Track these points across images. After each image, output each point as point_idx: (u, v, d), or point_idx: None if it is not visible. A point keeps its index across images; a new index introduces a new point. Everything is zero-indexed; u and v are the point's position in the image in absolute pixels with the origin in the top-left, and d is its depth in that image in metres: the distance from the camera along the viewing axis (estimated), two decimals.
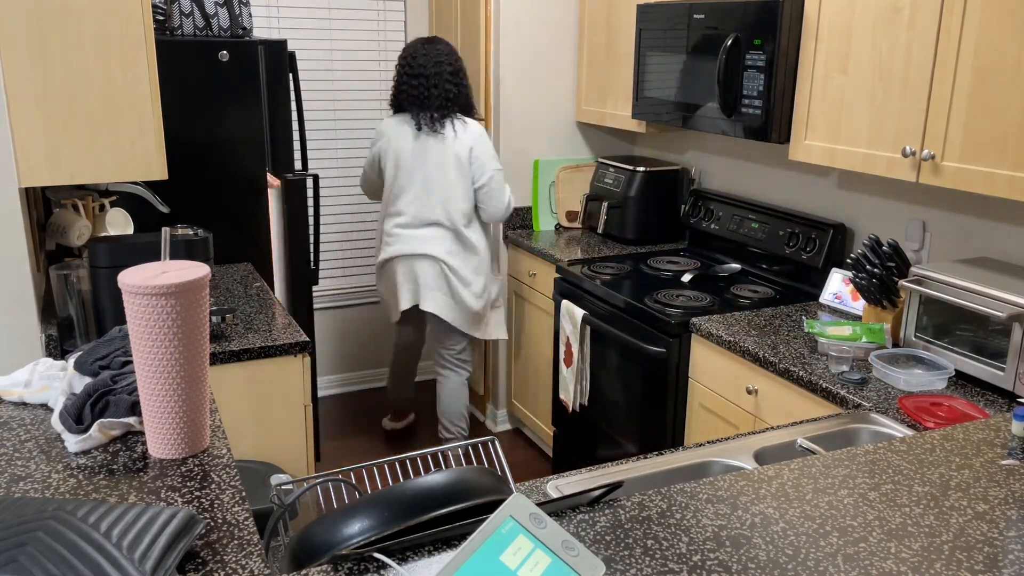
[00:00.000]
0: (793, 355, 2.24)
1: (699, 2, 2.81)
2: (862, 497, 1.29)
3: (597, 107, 3.59)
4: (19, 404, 1.54)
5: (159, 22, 2.87)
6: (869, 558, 1.13)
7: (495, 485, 1.16)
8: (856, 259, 2.32)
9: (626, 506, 1.25)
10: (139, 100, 2.22)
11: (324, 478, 1.38)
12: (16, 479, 1.28)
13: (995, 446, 1.48)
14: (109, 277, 2.18)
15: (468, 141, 3.24)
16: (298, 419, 2.38)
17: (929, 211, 2.53)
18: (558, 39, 3.68)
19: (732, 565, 1.11)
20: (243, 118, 2.93)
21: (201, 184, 2.94)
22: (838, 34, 2.37)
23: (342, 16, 3.98)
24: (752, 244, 3.05)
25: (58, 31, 2.10)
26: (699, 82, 2.84)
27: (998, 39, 1.94)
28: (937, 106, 2.10)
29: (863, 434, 1.86)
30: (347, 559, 1.09)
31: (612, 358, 2.95)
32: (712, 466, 1.64)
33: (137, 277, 1.27)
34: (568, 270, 3.19)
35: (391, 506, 1.08)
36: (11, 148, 2.12)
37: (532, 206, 3.81)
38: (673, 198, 3.53)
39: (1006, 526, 1.22)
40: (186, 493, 1.25)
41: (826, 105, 2.44)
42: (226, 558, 1.10)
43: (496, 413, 4.02)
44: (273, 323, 2.44)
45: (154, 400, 1.31)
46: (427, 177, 3.25)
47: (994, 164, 1.98)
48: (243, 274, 2.91)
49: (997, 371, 1.98)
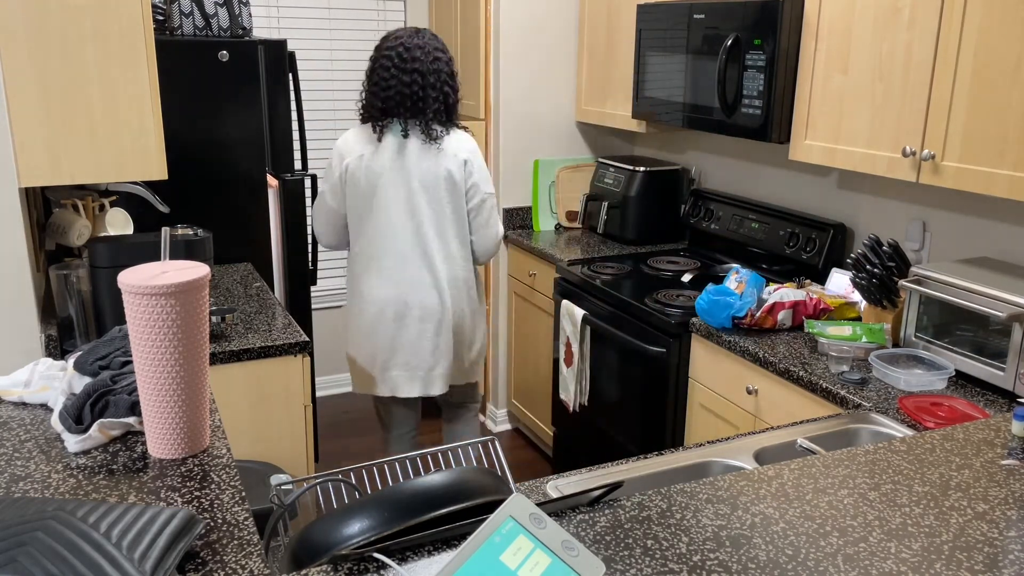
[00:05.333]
0: (793, 355, 2.24)
1: (699, 2, 2.81)
2: (862, 497, 1.29)
3: (597, 107, 3.59)
4: (19, 404, 1.54)
5: (159, 22, 2.87)
6: (869, 558, 1.13)
7: (495, 485, 1.16)
8: (856, 259, 2.32)
9: (626, 506, 1.25)
10: (139, 100, 2.22)
11: (324, 478, 1.38)
12: (16, 479, 1.28)
13: (995, 446, 1.48)
14: (109, 277, 2.18)
15: (463, 153, 2.62)
16: (298, 419, 2.38)
17: (929, 211, 2.53)
18: (558, 39, 3.68)
19: (732, 565, 1.11)
20: (243, 118, 2.93)
21: (201, 184, 2.94)
22: (838, 34, 2.37)
23: (342, 16, 3.98)
24: (752, 244, 3.05)
25: (58, 31, 2.10)
26: (699, 82, 2.84)
27: (998, 39, 1.94)
28: (937, 106, 2.10)
29: (863, 434, 1.86)
30: (347, 559, 1.09)
31: (612, 358, 2.95)
32: (712, 466, 1.64)
33: (137, 277, 1.27)
34: (568, 270, 3.19)
35: (391, 506, 1.08)
36: (11, 148, 2.12)
37: (532, 206, 3.81)
38: (673, 198, 3.53)
39: (1006, 526, 1.22)
40: (186, 493, 1.25)
41: (826, 105, 2.44)
42: (226, 558, 1.10)
43: (496, 413, 4.02)
44: (273, 323, 2.44)
45: (154, 400, 1.31)
46: (407, 204, 2.60)
47: (994, 164, 1.98)
48: (243, 274, 2.91)
49: (997, 371, 1.98)
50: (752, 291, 2.42)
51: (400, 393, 2.72)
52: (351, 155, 2.60)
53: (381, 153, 2.59)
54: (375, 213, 2.62)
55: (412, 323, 2.66)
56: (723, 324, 2.42)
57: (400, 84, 2.55)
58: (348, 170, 2.61)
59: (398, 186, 2.59)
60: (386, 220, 2.61)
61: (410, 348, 2.68)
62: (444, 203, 2.63)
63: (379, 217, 2.62)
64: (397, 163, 2.58)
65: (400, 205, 2.60)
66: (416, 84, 2.56)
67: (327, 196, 2.68)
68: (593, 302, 3.02)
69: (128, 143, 2.24)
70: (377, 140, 2.60)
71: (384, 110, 2.59)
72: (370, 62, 2.64)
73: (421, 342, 2.68)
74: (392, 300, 2.65)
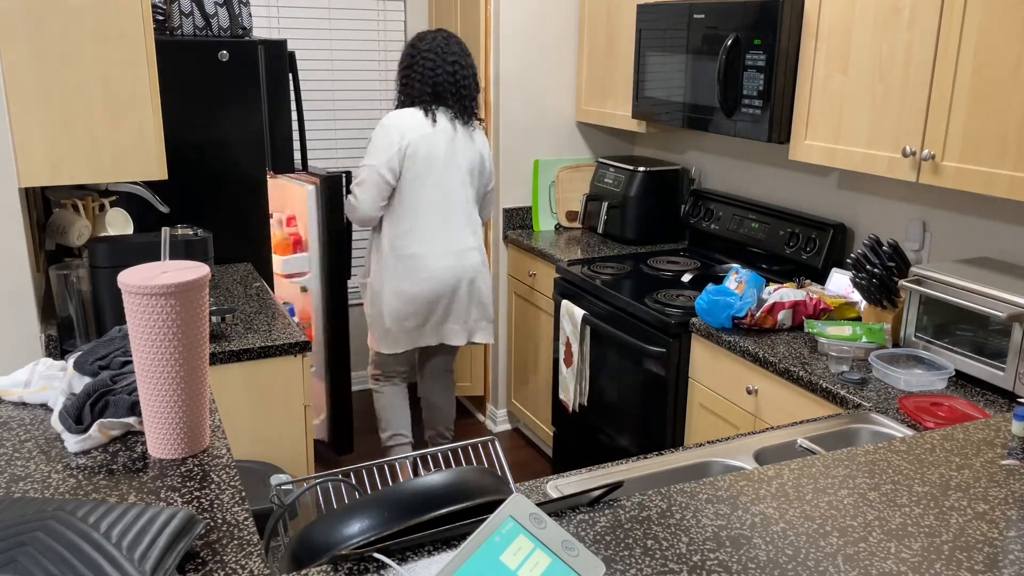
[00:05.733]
0: (793, 355, 2.24)
1: (699, 2, 2.81)
2: (862, 497, 1.29)
3: (597, 107, 3.59)
4: (19, 404, 1.54)
5: (159, 22, 2.87)
6: (869, 558, 1.13)
7: (495, 485, 1.16)
8: (856, 259, 2.32)
9: (626, 506, 1.25)
10: (139, 100, 2.22)
11: (324, 478, 1.38)
12: (16, 479, 1.28)
13: (995, 446, 1.48)
14: (109, 277, 2.18)
15: (485, 144, 3.09)
16: (298, 419, 2.38)
17: (929, 211, 2.53)
18: (558, 39, 3.68)
19: (732, 565, 1.11)
20: (243, 118, 2.93)
21: (201, 184, 2.94)
22: (838, 34, 2.37)
23: (342, 16, 3.98)
24: (752, 244, 3.05)
25: (58, 31, 2.10)
26: (699, 82, 2.84)
27: (998, 39, 1.94)
28: (937, 106, 2.10)
29: (863, 434, 1.86)
30: (347, 559, 1.09)
31: (612, 358, 2.95)
32: (712, 466, 1.64)
33: (137, 277, 1.27)
34: (568, 270, 3.19)
35: (391, 506, 1.08)
36: (11, 148, 2.12)
37: (532, 206, 3.81)
38: (673, 198, 3.53)
39: (1006, 526, 1.22)
40: (186, 493, 1.25)
41: (826, 105, 2.44)
42: (226, 558, 1.10)
43: (496, 413, 4.02)
44: (273, 323, 2.44)
45: (154, 400, 1.31)
46: (457, 181, 2.97)
47: (994, 164, 1.98)
48: (243, 274, 2.91)
49: (997, 371, 1.98)
50: (752, 291, 2.42)
51: (451, 341, 3.13)
52: (413, 132, 2.88)
53: (438, 134, 2.92)
54: (429, 189, 2.93)
55: (464, 283, 3.07)
56: (723, 324, 2.42)
57: (445, 73, 2.91)
58: (410, 146, 2.88)
59: (451, 166, 2.95)
60: (443, 195, 2.96)
61: (463, 304, 3.09)
62: (476, 183, 3.07)
63: (434, 193, 2.94)
64: (452, 145, 2.95)
65: (454, 183, 2.97)
66: (459, 74, 2.93)
67: (382, 169, 2.90)
68: (593, 302, 3.02)
69: (128, 143, 2.24)
70: (432, 122, 2.92)
71: (435, 95, 2.92)
72: (408, 57, 2.96)
73: (471, 298, 3.10)
74: (452, 265, 3.02)
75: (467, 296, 3.09)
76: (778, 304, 2.39)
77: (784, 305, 2.39)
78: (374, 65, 4.09)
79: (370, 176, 2.92)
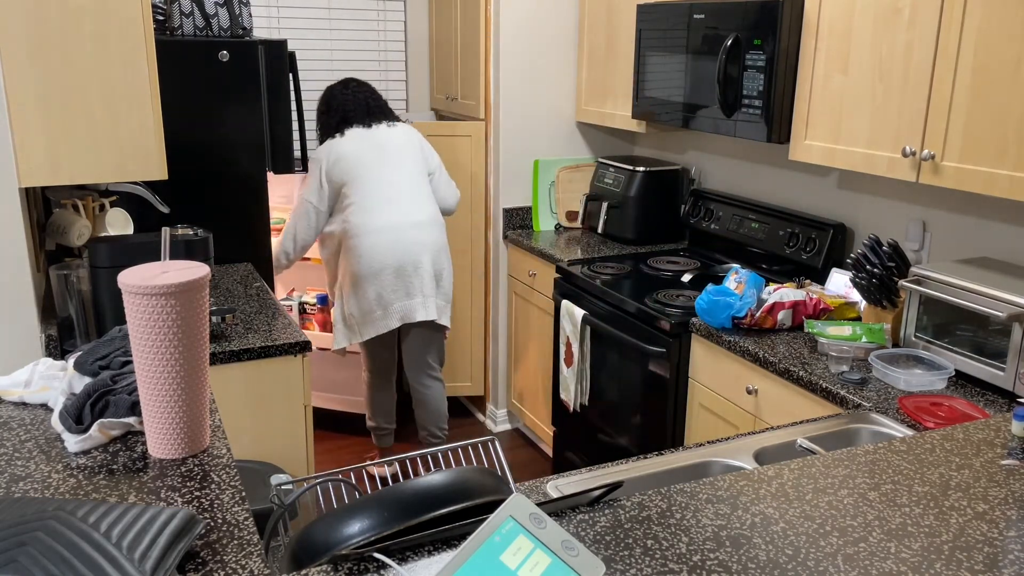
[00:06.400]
0: (793, 355, 2.24)
1: (699, 2, 2.81)
2: (862, 497, 1.29)
3: (597, 107, 3.59)
4: (19, 404, 1.54)
5: (159, 22, 2.87)
6: (869, 558, 1.13)
7: (495, 485, 1.16)
8: (856, 259, 2.32)
9: (626, 506, 1.25)
10: (139, 100, 2.22)
11: (324, 478, 1.38)
12: (16, 479, 1.28)
13: (995, 446, 1.48)
14: (109, 277, 2.18)
15: (407, 129, 3.32)
16: (298, 419, 2.38)
17: (929, 211, 2.53)
18: (558, 39, 3.68)
19: (732, 565, 1.11)
20: (243, 118, 2.93)
21: (201, 184, 2.94)
22: (838, 34, 2.37)
23: (342, 16, 3.98)
24: (752, 244, 3.05)
25: (58, 31, 2.10)
26: (699, 82, 2.84)
27: (998, 39, 1.94)
28: (937, 106, 2.11)
29: (863, 434, 1.87)
30: (347, 559, 1.09)
31: (612, 358, 2.95)
32: (712, 466, 1.64)
33: (137, 277, 1.27)
34: (568, 270, 3.19)
35: (391, 506, 1.08)
36: (11, 148, 2.12)
37: (532, 206, 3.81)
38: (673, 198, 3.53)
39: (1006, 526, 1.22)
40: (186, 493, 1.25)
41: (826, 105, 2.44)
42: (226, 558, 1.10)
43: (496, 413, 4.02)
44: (273, 323, 2.44)
45: (154, 400, 1.31)
46: (396, 169, 3.22)
47: (994, 164, 1.98)
48: (243, 274, 2.91)
49: (997, 371, 1.98)
50: (752, 291, 2.42)
51: (416, 317, 3.22)
52: (343, 159, 3.20)
53: (361, 141, 3.22)
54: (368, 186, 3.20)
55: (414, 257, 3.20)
56: (723, 324, 2.43)
57: (354, 97, 3.29)
58: (345, 170, 3.19)
59: (380, 162, 3.22)
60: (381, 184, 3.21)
61: (419, 279, 3.22)
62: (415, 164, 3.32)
63: (372, 185, 3.20)
64: (372, 142, 3.23)
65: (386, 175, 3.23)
66: (359, 93, 3.30)
67: (312, 206, 3.25)
68: (593, 302, 3.02)
69: (128, 143, 2.24)
70: (348, 138, 3.23)
71: (344, 119, 3.27)
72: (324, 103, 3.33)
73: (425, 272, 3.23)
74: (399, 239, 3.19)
75: (418, 270, 3.22)
76: (778, 304, 2.39)
77: (784, 305, 2.39)
78: (374, 65, 4.09)
79: (312, 205, 3.28)
